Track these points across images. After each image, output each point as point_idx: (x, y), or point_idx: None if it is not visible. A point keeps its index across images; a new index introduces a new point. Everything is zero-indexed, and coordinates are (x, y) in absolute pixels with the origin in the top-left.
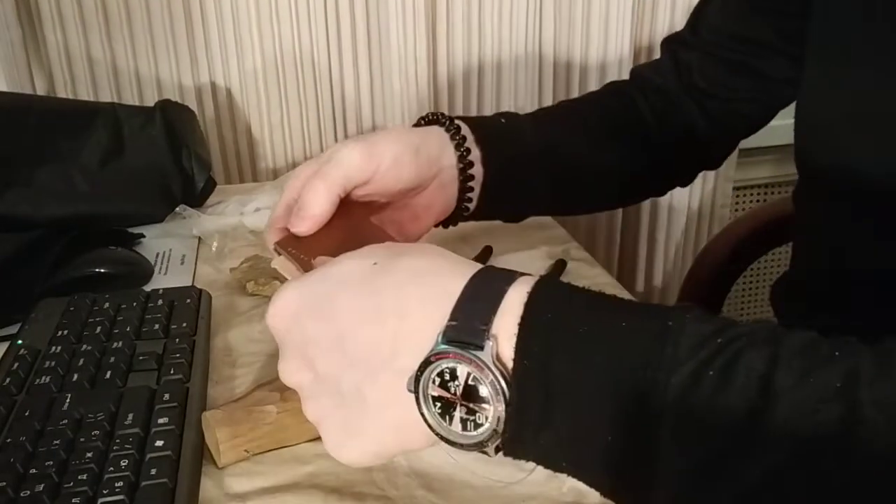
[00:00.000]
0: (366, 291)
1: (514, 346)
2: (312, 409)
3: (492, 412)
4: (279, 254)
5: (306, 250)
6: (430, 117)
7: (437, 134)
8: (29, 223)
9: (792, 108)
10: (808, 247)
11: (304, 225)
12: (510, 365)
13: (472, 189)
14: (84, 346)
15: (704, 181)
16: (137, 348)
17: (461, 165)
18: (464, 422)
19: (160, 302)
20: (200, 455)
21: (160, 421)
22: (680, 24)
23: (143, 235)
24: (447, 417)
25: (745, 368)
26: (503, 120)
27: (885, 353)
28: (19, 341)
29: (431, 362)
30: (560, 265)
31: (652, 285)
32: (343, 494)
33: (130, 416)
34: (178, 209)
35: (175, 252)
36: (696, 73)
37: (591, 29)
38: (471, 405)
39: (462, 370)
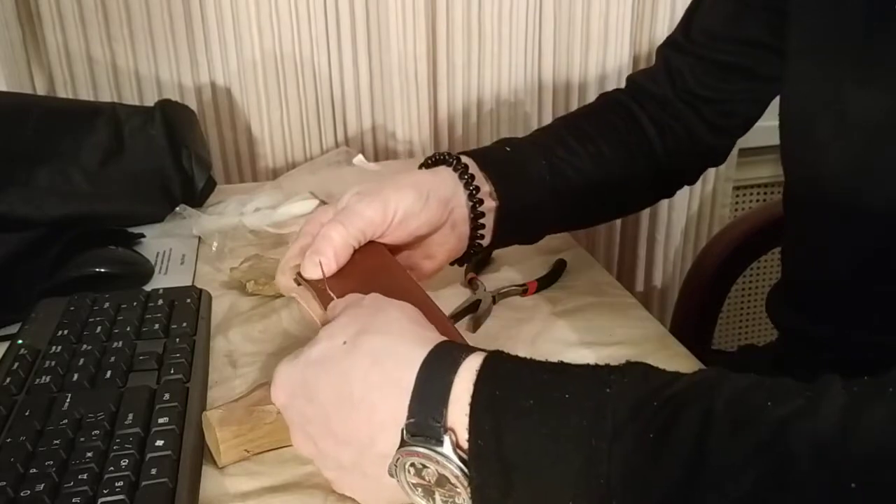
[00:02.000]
0: (338, 377)
1: (467, 429)
2: (327, 475)
3: (465, 494)
4: (299, 283)
5: (327, 282)
6: (437, 157)
7: (446, 175)
8: (29, 223)
9: None
10: (796, 252)
11: (317, 272)
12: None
13: (483, 226)
14: (84, 346)
15: (704, 181)
16: (138, 348)
17: (472, 203)
18: (445, 503)
19: (160, 302)
20: (201, 455)
21: (160, 421)
22: None
23: (143, 235)
24: (429, 499)
25: (681, 429)
26: (508, 149)
27: (816, 396)
28: (19, 341)
29: (400, 457)
30: (560, 265)
31: (651, 285)
32: (343, 493)
33: (130, 416)
34: (178, 209)
35: (175, 252)
36: (690, 79)
37: (591, 28)
38: (446, 490)
39: (429, 463)
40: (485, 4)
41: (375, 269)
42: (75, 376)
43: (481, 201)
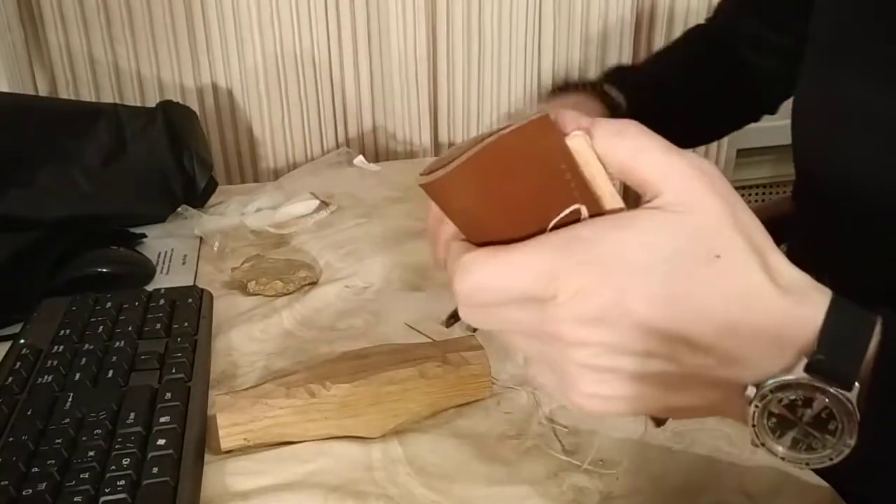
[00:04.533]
0: (723, 295)
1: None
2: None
3: (833, 444)
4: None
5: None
6: (581, 86)
7: (599, 106)
8: (31, 223)
9: (788, 108)
10: (805, 249)
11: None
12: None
13: None
14: (86, 346)
15: None
16: (139, 347)
17: None
18: (795, 442)
19: (162, 301)
20: (202, 453)
21: (162, 420)
22: (679, 29)
23: (144, 235)
24: (777, 433)
25: None
26: (645, 78)
27: None
28: (22, 340)
29: (789, 386)
30: None
31: None
32: (344, 493)
33: (132, 415)
34: (179, 209)
35: (177, 252)
36: (764, 22)
37: (591, 28)
38: (814, 432)
39: (820, 402)
40: (485, 5)
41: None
42: (77, 376)
43: None
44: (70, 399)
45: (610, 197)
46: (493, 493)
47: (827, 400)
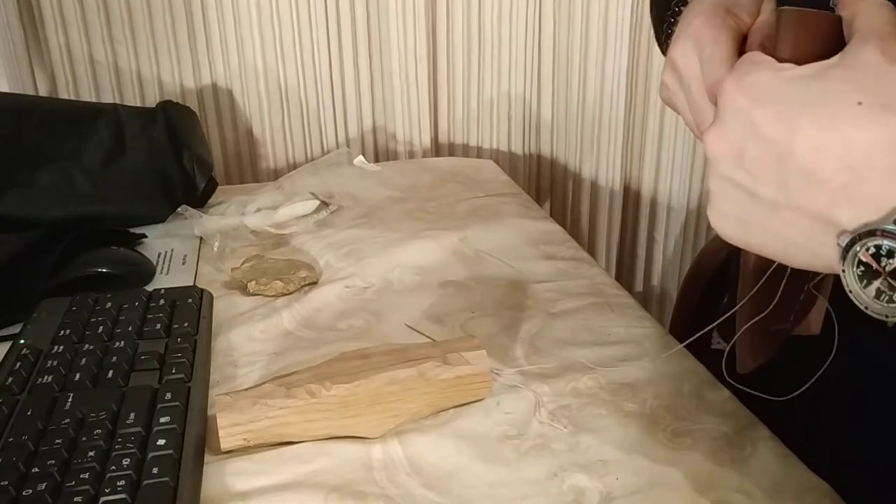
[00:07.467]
0: (834, 133)
1: None
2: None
3: None
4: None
5: None
6: None
7: None
8: (31, 223)
9: None
10: None
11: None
12: None
13: None
14: (86, 346)
15: (703, 180)
16: (139, 348)
17: None
18: (879, 292)
19: (162, 302)
20: (202, 454)
21: (162, 420)
22: None
23: (144, 235)
24: (864, 281)
25: None
26: None
27: None
28: (22, 340)
29: (874, 234)
30: None
31: (651, 285)
32: (343, 493)
33: (132, 416)
34: (179, 209)
35: (177, 252)
36: None
37: (591, 28)
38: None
39: None
40: (485, 5)
41: None
42: (77, 376)
43: None
44: (70, 399)
45: None
46: (493, 493)
47: None
